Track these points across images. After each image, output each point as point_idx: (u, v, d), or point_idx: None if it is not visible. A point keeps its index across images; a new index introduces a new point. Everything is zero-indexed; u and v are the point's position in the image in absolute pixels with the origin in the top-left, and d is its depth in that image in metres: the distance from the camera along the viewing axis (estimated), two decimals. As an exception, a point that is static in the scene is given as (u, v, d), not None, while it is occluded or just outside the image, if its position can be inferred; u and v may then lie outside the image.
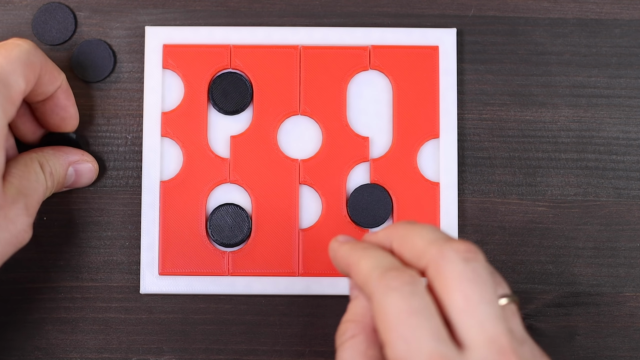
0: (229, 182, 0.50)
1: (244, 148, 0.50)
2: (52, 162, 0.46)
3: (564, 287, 0.50)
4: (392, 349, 0.36)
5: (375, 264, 0.39)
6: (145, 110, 0.50)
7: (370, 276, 0.38)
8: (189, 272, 0.49)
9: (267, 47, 0.50)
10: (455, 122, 0.50)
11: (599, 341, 0.50)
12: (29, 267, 0.49)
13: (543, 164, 0.51)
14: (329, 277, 0.49)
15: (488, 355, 0.36)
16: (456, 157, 0.50)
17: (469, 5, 0.51)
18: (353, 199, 0.49)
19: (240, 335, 0.49)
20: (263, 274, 0.49)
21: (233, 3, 0.51)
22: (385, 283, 0.37)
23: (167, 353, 0.49)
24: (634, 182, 0.51)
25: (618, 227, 0.50)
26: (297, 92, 0.50)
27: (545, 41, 0.51)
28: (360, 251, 0.40)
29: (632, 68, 0.51)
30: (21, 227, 0.43)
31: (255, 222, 0.49)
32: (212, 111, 0.50)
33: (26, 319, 0.49)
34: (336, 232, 0.49)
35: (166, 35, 0.50)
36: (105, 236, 0.50)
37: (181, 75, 0.50)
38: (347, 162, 0.50)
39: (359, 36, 0.50)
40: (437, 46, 0.50)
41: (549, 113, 0.51)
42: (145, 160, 0.49)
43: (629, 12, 0.52)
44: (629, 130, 0.51)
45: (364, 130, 0.50)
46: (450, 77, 0.50)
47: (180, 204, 0.49)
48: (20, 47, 0.43)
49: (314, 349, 0.49)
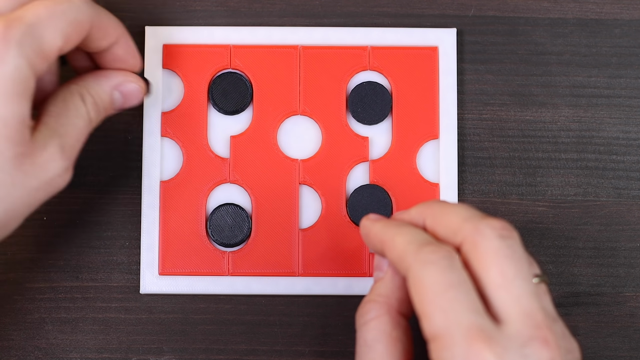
0: (229, 182, 0.50)
1: (244, 148, 0.50)
2: (95, 90, 0.44)
3: (564, 287, 0.50)
4: (430, 322, 0.37)
5: (411, 239, 0.39)
6: (145, 110, 0.50)
7: (406, 251, 0.39)
8: (189, 272, 0.49)
9: (267, 47, 0.50)
10: (455, 123, 0.50)
11: (599, 341, 0.50)
12: (29, 267, 0.49)
13: (543, 164, 0.51)
14: (329, 277, 0.49)
15: (524, 329, 0.36)
16: (456, 158, 0.50)
17: (469, 5, 0.51)
18: (353, 200, 0.49)
19: (240, 335, 0.49)
20: (263, 274, 0.49)
21: (233, 3, 0.51)
22: (423, 257, 0.38)
23: (167, 353, 0.49)
24: (634, 182, 0.51)
25: (618, 227, 0.50)
26: (297, 92, 0.50)
27: (545, 41, 0.51)
28: (394, 228, 0.40)
29: (632, 68, 0.51)
30: (54, 172, 0.41)
31: (255, 222, 0.49)
32: (212, 111, 0.50)
33: (26, 319, 0.49)
34: (336, 232, 0.49)
35: (166, 35, 0.50)
36: (105, 236, 0.50)
37: (181, 75, 0.50)
38: (347, 162, 0.50)
39: (359, 36, 0.50)
40: (436, 47, 0.50)
41: (549, 113, 0.51)
42: (145, 160, 0.49)
43: (629, 12, 0.52)
44: (629, 130, 0.51)
45: (363, 130, 0.50)
46: (450, 78, 0.50)
47: (180, 203, 0.49)
48: (70, 2, 0.41)
49: (314, 349, 0.49)
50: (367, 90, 0.50)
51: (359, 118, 0.50)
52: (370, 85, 0.50)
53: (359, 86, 0.50)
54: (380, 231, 0.41)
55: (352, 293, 0.49)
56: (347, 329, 0.49)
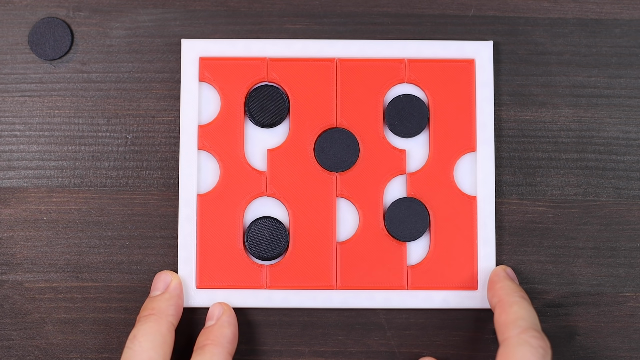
0: (266, 195, 0.50)
1: (280, 161, 0.50)
2: None
3: (564, 287, 0.50)
4: None
5: (525, 316, 0.44)
6: (182, 123, 0.49)
7: (515, 324, 0.44)
8: (227, 286, 0.49)
9: (304, 60, 0.50)
10: (493, 135, 0.50)
11: (599, 341, 0.50)
12: (29, 267, 0.49)
13: (543, 164, 0.51)
14: (367, 290, 0.49)
15: None
16: (493, 170, 0.50)
17: (469, 5, 0.51)
18: (390, 213, 0.49)
19: (240, 335, 0.49)
20: (301, 287, 0.49)
21: (233, 3, 0.51)
22: (525, 338, 0.43)
23: (167, 353, 0.49)
24: (634, 182, 0.51)
25: (618, 227, 0.50)
26: (334, 104, 0.50)
27: (545, 41, 0.51)
28: (518, 297, 0.46)
29: (632, 68, 0.51)
30: None
31: (293, 235, 0.49)
32: (248, 124, 0.50)
33: (26, 319, 0.49)
34: (374, 245, 0.49)
35: (202, 48, 0.50)
36: (105, 236, 0.50)
37: (218, 88, 0.50)
38: (384, 175, 0.50)
39: (396, 49, 0.50)
40: (473, 59, 0.50)
41: (549, 113, 0.51)
42: (182, 174, 0.49)
43: (629, 12, 0.52)
44: (629, 130, 0.51)
45: (400, 143, 0.50)
46: (487, 90, 0.50)
47: (217, 217, 0.49)
48: None
49: (314, 349, 0.49)
50: (404, 103, 0.50)
51: (396, 131, 0.50)
52: (407, 98, 0.50)
53: (396, 99, 0.50)
54: (504, 290, 0.46)
55: (390, 306, 0.49)
56: (347, 329, 0.49)
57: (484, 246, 0.49)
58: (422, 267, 0.49)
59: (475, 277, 0.49)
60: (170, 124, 0.50)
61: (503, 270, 0.48)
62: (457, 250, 0.49)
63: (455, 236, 0.49)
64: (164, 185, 0.50)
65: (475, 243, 0.49)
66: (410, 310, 0.49)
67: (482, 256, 0.49)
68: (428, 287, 0.49)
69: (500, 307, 0.45)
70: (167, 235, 0.50)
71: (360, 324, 0.49)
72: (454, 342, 0.49)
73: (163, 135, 0.50)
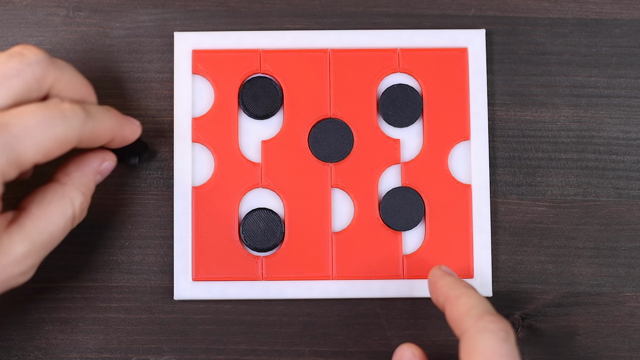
0: (261, 186, 0.50)
1: (275, 152, 0.50)
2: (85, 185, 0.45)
3: (564, 287, 0.50)
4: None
5: (476, 304, 0.42)
6: (176, 116, 0.49)
7: (468, 314, 0.42)
8: (223, 278, 0.49)
9: (297, 51, 0.50)
10: (486, 123, 0.50)
11: (599, 341, 0.50)
12: (29, 267, 0.49)
13: (543, 164, 0.51)
14: (363, 280, 0.49)
15: None
16: (487, 158, 0.50)
17: (469, 5, 0.51)
18: (385, 202, 0.49)
19: (240, 335, 0.49)
20: (297, 277, 0.49)
21: (233, 3, 0.51)
22: (482, 324, 0.41)
23: (167, 353, 0.49)
24: (634, 182, 0.51)
25: (618, 227, 0.50)
26: (327, 95, 0.50)
27: (545, 41, 0.51)
28: (462, 288, 0.44)
29: (632, 68, 0.51)
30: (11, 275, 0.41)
31: (288, 226, 0.49)
32: (242, 116, 0.50)
33: (26, 319, 0.49)
34: (369, 235, 0.49)
35: (195, 40, 0.50)
36: (105, 236, 0.50)
37: (211, 81, 0.50)
38: (379, 165, 0.50)
39: (388, 38, 0.50)
40: (466, 48, 0.50)
41: (549, 113, 0.51)
42: (176, 166, 0.49)
43: (629, 12, 0.52)
44: (629, 130, 0.51)
45: (394, 132, 0.50)
46: (480, 78, 0.50)
47: (212, 209, 0.49)
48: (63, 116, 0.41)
49: (314, 349, 0.49)
50: (397, 92, 0.50)
51: (390, 120, 0.50)
52: (401, 87, 0.50)
53: (390, 89, 0.50)
54: (448, 286, 0.44)
55: (387, 296, 0.49)
56: (347, 329, 0.49)
57: (480, 234, 0.49)
58: (418, 256, 0.49)
59: (471, 265, 0.49)
60: (170, 123, 0.50)
61: (439, 269, 0.46)
62: (452, 239, 0.49)
63: (450, 225, 0.49)
64: (164, 185, 0.50)
65: (471, 231, 0.49)
66: (409, 309, 0.49)
67: (478, 244, 0.49)
68: (424, 276, 0.49)
69: (449, 303, 0.43)
70: (167, 235, 0.50)
71: (360, 324, 0.49)
72: (455, 342, 0.49)
73: (163, 135, 0.50)
